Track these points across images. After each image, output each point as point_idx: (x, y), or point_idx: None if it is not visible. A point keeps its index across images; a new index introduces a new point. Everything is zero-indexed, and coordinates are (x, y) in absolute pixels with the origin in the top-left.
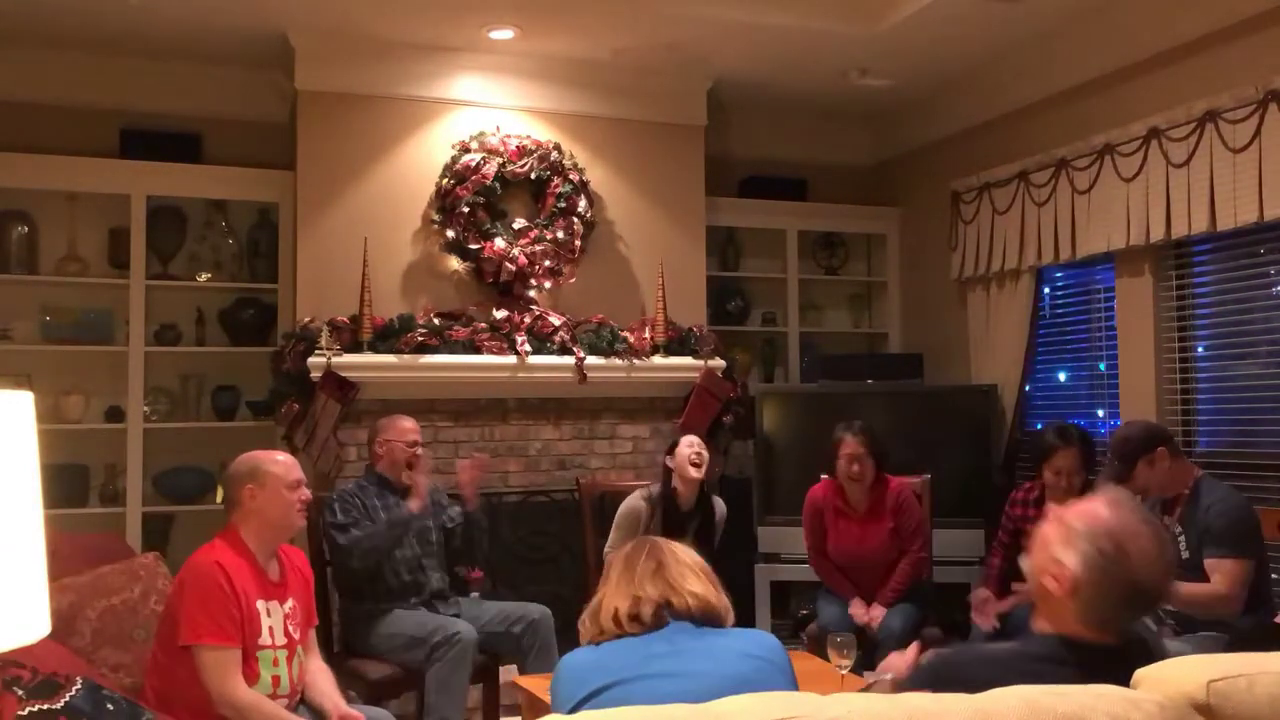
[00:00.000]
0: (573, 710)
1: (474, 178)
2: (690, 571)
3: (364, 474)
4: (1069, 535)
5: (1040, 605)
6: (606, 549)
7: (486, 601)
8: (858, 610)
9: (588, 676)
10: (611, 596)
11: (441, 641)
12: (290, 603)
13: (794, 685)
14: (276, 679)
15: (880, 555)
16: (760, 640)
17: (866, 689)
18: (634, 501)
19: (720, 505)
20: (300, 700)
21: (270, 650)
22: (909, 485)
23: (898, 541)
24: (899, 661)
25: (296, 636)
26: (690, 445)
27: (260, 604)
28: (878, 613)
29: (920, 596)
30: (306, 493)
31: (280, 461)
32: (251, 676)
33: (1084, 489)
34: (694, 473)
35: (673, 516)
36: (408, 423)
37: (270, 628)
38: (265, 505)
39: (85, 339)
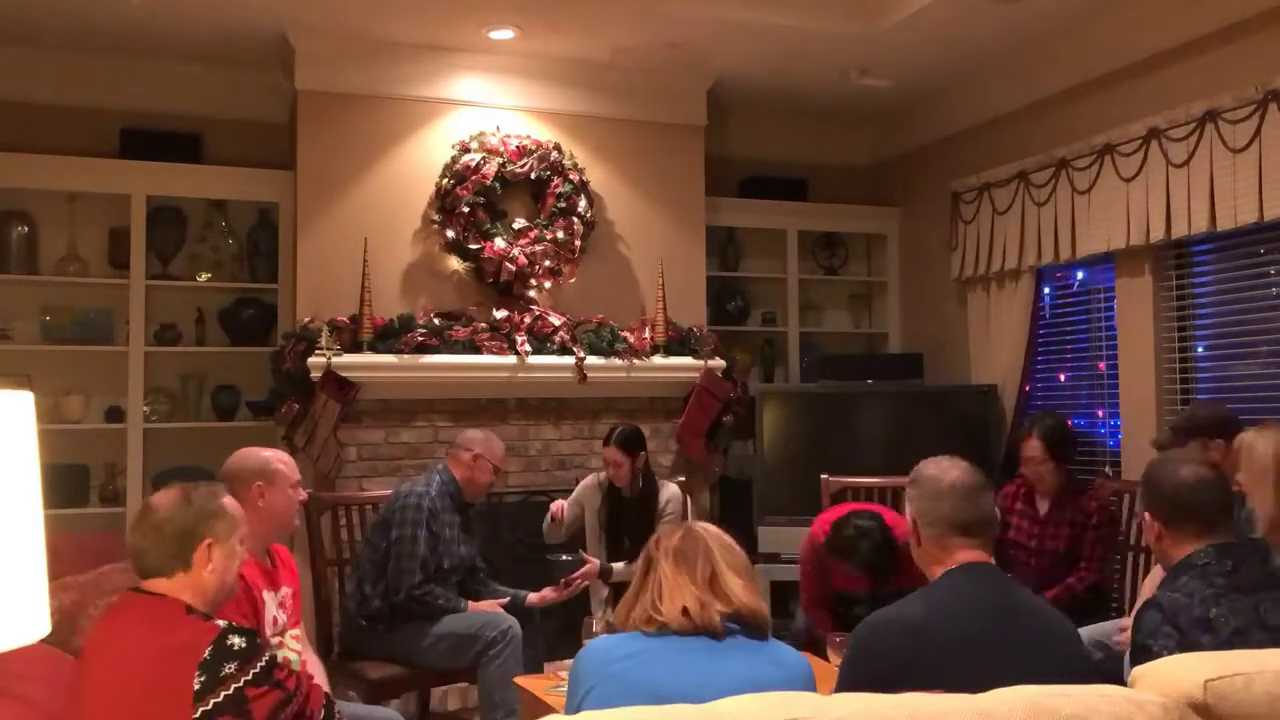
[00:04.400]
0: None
1: (474, 178)
2: (737, 577)
3: (443, 475)
4: None
5: None
6: (563, 503)
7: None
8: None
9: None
10: (673, 589)
11: (497, 637)
12: (284, 590)
13: None
14: (286, 660)
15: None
16: (784, 657)
17: None
18: (588, 482)
19: (668, 490)
20: None
21: (275, 637)
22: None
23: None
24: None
25: (286, 619)
26: (605, 463)
27: (266, 594)
28: None
29: None
30: (304, 493)
31: (286, 461)
32: None
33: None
34: (613, 481)
35: (615, 502)
36: (501, 448)
37: (274, 617)
38: (273, 503)
39: (85, 339)
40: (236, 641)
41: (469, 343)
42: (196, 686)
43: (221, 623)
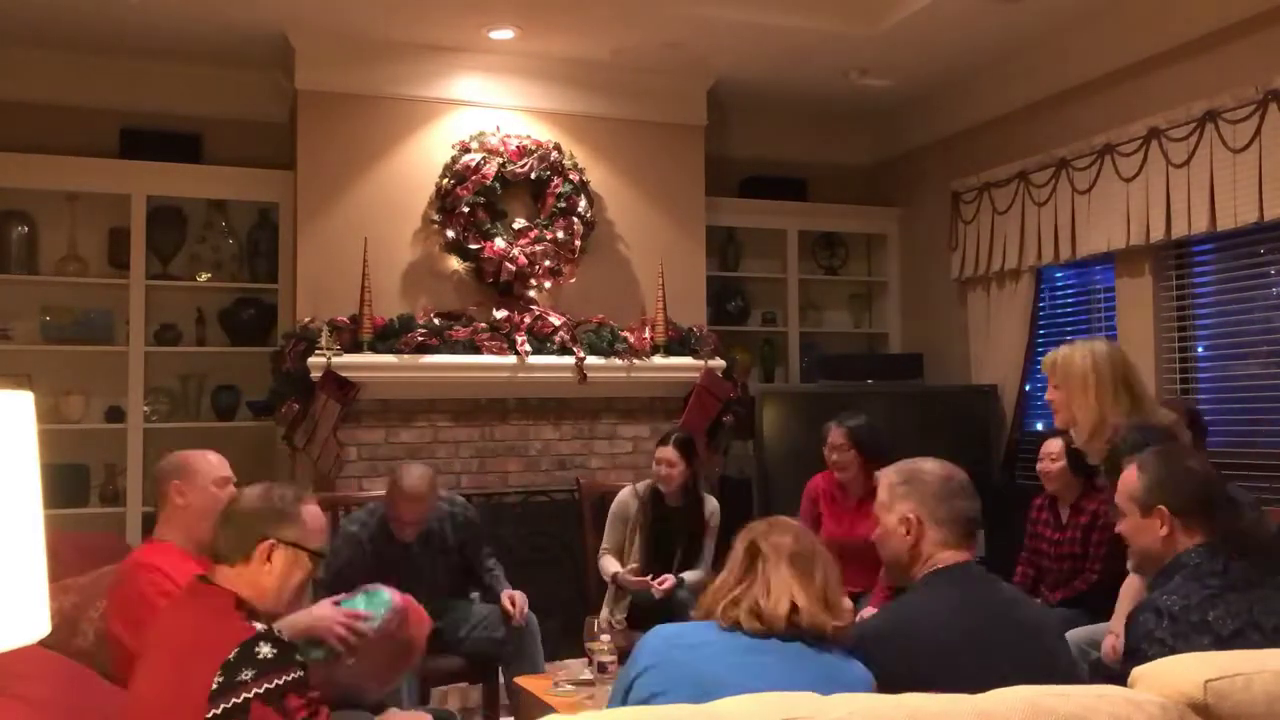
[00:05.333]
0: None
1: (474, 178)
2: (842, 594)
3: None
4: None
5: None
6: (603, 547)
7: (479, 605)
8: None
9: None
10: (781, 592)
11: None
12: None
13: None
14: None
15: (869, 542)
16: (850, 674)
17: None
18: (623, 496)
19: (711, 503)
20: None
21: None
22: None
23: None
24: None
25: None
26: (659, 463)
27: None
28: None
29: None
30: (234, 490)
31: (210, 459)
32: None
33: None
34: (662, 486)
35: (659, 512)
36: (406, 485)
37: None
38: (193, 501)
39: (85, 339)
40: (265, 650)
41: (469, 343)
42: (214, 686)
43: (260, 626)
